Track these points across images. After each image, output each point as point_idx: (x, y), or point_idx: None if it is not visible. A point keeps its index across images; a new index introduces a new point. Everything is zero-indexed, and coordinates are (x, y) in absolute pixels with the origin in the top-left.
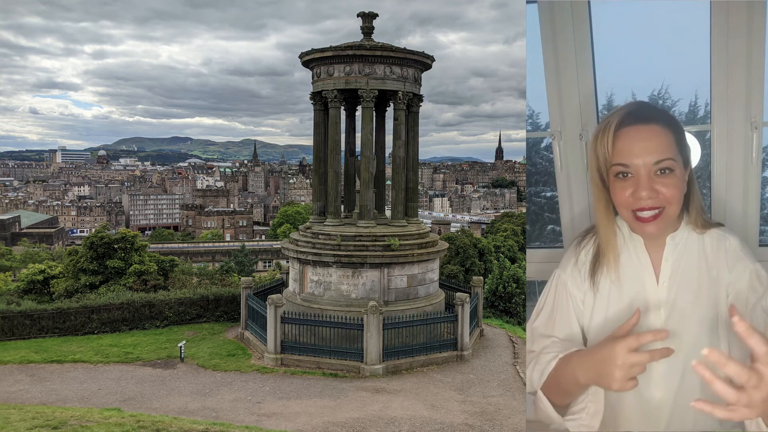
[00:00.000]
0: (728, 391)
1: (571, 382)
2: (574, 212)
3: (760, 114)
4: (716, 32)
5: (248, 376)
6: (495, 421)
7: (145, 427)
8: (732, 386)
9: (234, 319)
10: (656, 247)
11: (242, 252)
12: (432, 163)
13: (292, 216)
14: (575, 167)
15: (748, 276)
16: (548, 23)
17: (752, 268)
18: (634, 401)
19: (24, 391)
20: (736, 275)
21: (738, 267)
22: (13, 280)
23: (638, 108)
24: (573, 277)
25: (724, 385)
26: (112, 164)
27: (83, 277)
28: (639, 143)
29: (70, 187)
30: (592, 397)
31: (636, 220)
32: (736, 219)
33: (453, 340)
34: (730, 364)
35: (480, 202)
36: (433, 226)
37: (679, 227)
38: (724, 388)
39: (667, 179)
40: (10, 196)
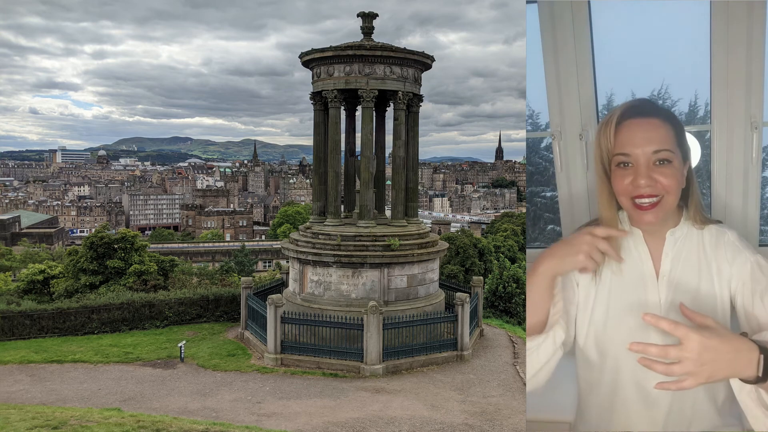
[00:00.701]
0: (664, 350)
1: (543, 285)
2: (574, 212)
3: (760, 114)
4: (716, 32)
5: (248, 376)
6: (495, 421)
7: (145, 427)
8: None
9: (234, 319)
10: (656, 243)
11: (242, 252)
12: (432, 163)
13: (292, 216)
14: (575, 167)
15: (749, 267)
16: (548, 23)
17: (753, 260)
18: (633, 397)
19: (24, 391)
20: (737, 268)
21: (738, 260)
22: (13, 280)
23: (640, 103)
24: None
25: (659, 366)
26: (112, 164)
27: (83, 277)
28: (639, 134)
29: (70, 187)
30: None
31: (635, 208)
32: (736, 218)
33: (453, 340)
34: (661, 322)
35: (480, 202)
36: (433, 226)
37: (678, 223)
38: (660, 368)
39: (665, 169)
40: (10, 196)
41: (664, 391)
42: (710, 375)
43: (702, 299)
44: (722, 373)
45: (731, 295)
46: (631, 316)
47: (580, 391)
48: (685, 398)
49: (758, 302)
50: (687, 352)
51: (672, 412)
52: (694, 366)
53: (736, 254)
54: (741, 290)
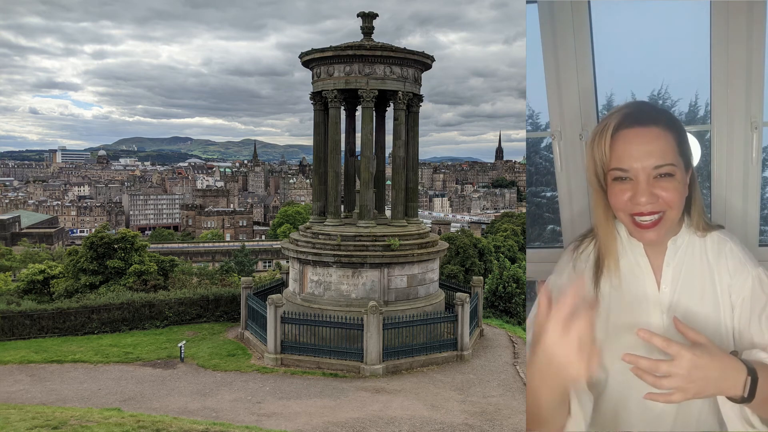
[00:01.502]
0: (655, 364)
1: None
2: (574, 212)
3: (760, 114)
4: (716, 32)
5: (248, 376)
6: (495, 421)
7: (145, 427)
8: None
9: (234, 319)
10: (657, 252)
11: (242, 252)
12: (432, 163)
13: (292, 216)
14: (575, 167)
15: (750, 284)
16: (548, 23)
17: (754, 274)
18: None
19: (24, 391)
20: (738, 282)
21: (740, 273)
22: (13, 280)
23: (637, 109)
24: (570, 281)
25: (651, 378)
26: (112, 164)
27: (83, 277)
28: (638, 147)
29: (70, 187)
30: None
31: (635, 226)
32: (736, 219)
33: (453, 340)
34: (654, 338)
35: (480, 202)
36: (433, 226)
37: (680, 231)
38: (651, 379)
39: (667, 183)
40: (10, 196)
41: (668, 405)
42: (698, 392)
43: (704, 310)
44: (709, 390)
45: (731, 307)
46: (633, 330)
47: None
48: (691, 412)
49: (755, 321)
50: (677, 369)
51: (678, 423)
52: (683, 382)
53: (738, 267)
54: (740, 306)
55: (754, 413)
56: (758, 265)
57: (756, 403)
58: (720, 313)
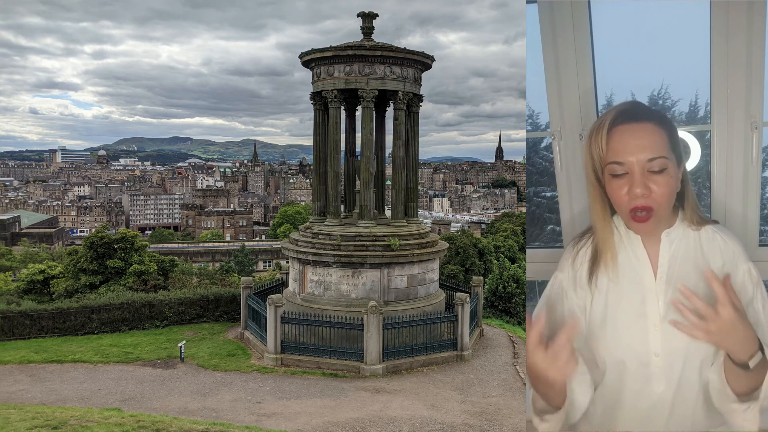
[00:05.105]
0: (693, 317)
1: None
2: (574, 212)
3: (760, 114)
4: (716, 32)
5: (248, 376)
6: (495, 421)
7: (145, 427)
8: (696, 315)
9: (234, 319)
10: (652, 244)
11: (242, 252)
12: (432, 163)
13: (292, 216)
14: (575, 167)
15: (740, 277)
16: (548, 23)
17: (745, 268)
18: (636, 399)
19: (24, 391)
20: (729, 273)
21: (731, 266)
22: (13, 280)
23: (631, 107)
24: (570, 277)
25: (690, 313)
26: (112, 164)
27: (83, 277)
28: (633, 141)
29: (70, 187)
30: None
31: (632, 219)
32: (736, 219)
33: (453, 340)
34: (694, 299)
35: (480, 202)
36: (433, 226)
37: (674, 224)
38: (690, 315)
39: (660, 177)
40: (10, 196)
41: (666, 390)
42: (718, 341)
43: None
44: (726, 344)
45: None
46: (631, 319)
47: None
48: (687, 400)
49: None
50: (718, 316)
51: (674, 414)
52: (715, 327)
53: (730, 260)
54: None
55: (730, 386)
56: (749, 260)
57: (739, 376)
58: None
